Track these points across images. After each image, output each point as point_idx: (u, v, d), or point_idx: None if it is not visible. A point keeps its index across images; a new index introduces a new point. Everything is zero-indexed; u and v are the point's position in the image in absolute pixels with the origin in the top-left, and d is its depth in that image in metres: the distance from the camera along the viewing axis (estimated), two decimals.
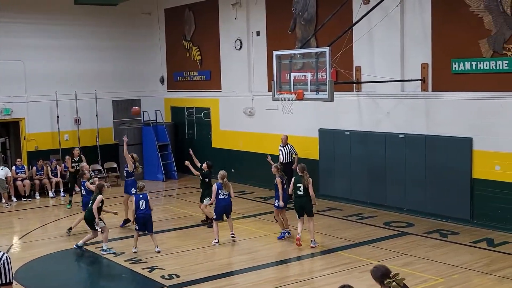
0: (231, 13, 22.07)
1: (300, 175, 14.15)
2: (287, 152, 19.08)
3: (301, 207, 14.22)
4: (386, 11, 16.56)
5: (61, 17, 23.66)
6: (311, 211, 14.26)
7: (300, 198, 14.18)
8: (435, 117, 16.19)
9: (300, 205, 14.24)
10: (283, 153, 19.14)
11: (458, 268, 12.30)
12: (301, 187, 14.05)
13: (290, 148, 19.12)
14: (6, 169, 20.80)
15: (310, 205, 14.21)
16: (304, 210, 14.19)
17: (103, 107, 24.62)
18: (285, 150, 19.13)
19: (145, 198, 14.26)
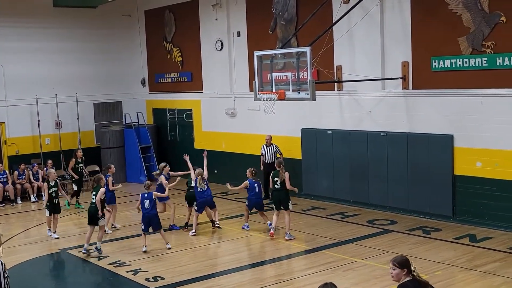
0: (211, 14, 22.05)
1: (277, 169, 15.03)
2: (273, 152, 19.11)
3: (278, 200, 14.90)
4: (366, 10, 16.62)
5: (40, 20, 23.50)
6: (287, 204, 14.86)
7: (277, 191, 14.98)
8: (416, 114, 16.28)
9: (277, 198, 14.94)
10: (268, 153, 19.16)
11: (441, 265, 12.38)
12: (278, 181, 14.87)
13: (275, 148, 19.15)
14: None
15: (287, 199, 14.90)
16: (281, 203, 14.84)
17: (84, 110, 24.49)
18: (270, 150, 19.15)
19: (150, 197, 14.41)
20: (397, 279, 6.73)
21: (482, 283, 11.30)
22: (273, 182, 14.98)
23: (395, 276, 6.73)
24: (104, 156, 24.17)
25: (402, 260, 6.76)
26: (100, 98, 25.26)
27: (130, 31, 25.95)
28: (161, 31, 24.78)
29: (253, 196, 15.73)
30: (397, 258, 6.82)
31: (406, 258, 6.84)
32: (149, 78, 25.90)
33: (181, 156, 23.80)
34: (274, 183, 14.98)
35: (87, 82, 24.73)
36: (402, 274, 6.69)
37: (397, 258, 6.84)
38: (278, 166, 15.12)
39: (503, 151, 14.57)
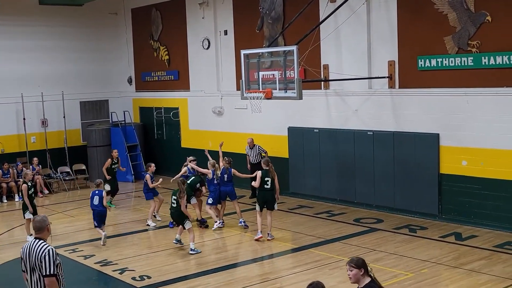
0: (198, 12, 22.03)
1: (266, 169, 14.67)
2: (257, 154, 19.13)
3: (264, 201, 14.66)
4: (352, 9, 16.66)
5: (26, 18, 23.40)
6: (274, 205, 14.72)
7: (266, 192, 14.65)
8: (402, 113, 16.34)
9: (265, 198, 14.67)
10: (252, 155, 19.17)
11: (427, 263, 12.43)
12: (269, 181, 14.55)
13: (258, 149, 19.17)
14: None
15: (274, 199, 14.72)
16: (266, 203, 14.64)
17: (70, 109, 24.41)
18: (253, 151, 19.17)
19: (100, 194, 14.99)
20: (355, 280, 6.75)
21: (468, 281, 11.36)
22: (264, 182, 14.59)
23: (353, 277, 6.75)
24: (91, 155, 24.11)
25: (359, 261, 6.78)
26: (87, 96, 25.19)
27: (117, 29, 25.88)
28: (147, 29, 24.72)
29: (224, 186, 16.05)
30: (354, 259, 6.84)
31: (362, 259, 6.86)
32: (136, 76, 25.84)
33: (167, 155, 23.92)
34: (264, 183, 14.61)
35: (73, 80, 24.65)
36: (359, 275, 6.72)
37: (354, 259, 6.86)
38: (266, 165, 14.75)
39: (488, 149, 14.65)
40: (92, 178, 23.58)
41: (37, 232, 7.54)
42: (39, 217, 7.67)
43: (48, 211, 18.92)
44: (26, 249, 7.45)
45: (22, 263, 7.55)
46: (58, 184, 22.82)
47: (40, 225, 7.53)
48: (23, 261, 7.49)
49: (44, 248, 7.32)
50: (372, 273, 6.77)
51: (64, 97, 23.91)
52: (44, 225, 7.55)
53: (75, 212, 18.80)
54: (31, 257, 7.34)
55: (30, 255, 7.36)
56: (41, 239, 7.45)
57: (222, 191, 16.06)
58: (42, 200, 20.77)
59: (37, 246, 7.35)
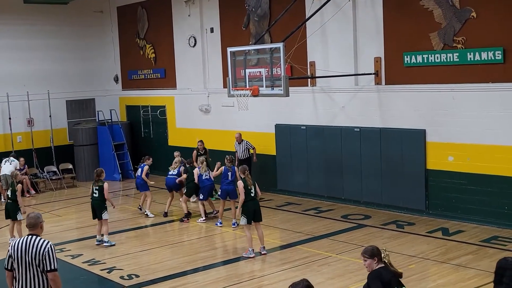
0: (184, 10, 21.99)
1: (244, 177, 13.39)
2: (244, 149, 19.15)
3: (254, 211, 13.23)
4: (338, 6, 16.68)
5: (11, 16, 23.26)
6: (261, 215, 13.48)
7: (253, 201, 13.27)
8: (389, 110, 16.39)
9: (253, 208, 13.23)
10: (240, 150, 19.19)
11: (415, 258, 12.49)
12: (252, 189, 13.24)
13: (246, 144, 19.18)
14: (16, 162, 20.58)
15: (259, 209, 13.52)
16: (255, 214, 13.27)
17: (56, 108, 24.30)
18: (241, 147, 19.19)
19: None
20: (370, 269, 6.98)
21: (455, 275, 11.43)
22: (248, 191, 13.18)
23: (368, 266, 7.00)
24: (78, 154, 24.01)
25: (371, 250, 7.00)
26: (73, 95, 25.09)
27: (102, 27, 25.78)
28: (133, 27, 24.64)
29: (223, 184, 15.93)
30: (367, 249, 7.06)
31: (375, 247, 7.04)
32: (122, 75, 25.75)
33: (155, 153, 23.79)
34: (249, 192, 13.19)
35: (59, 79, 24.53)
36: (373, 263, 6.96)
37: (367, 249, 7.07)
38: (243, 173, 13.46)
39: (474, 145, 14.73)
40: (79, 177, 23.53)
41: (31, 228, 7.56)
42: (33, 214, 7.71)
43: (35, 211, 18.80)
44: (20, 245, 7.40)
45: (9, 260, 7.51)
46: (45, 184, 22.72)
47: (35, 222, 7.57)
48: (13, 258, 7.44)
49: (46, 244, 7.38)
50: (387, 258, 6.95)
51: (50, 96, 23.80)
52: (38, 221, 7.62)
53: (62, 211, 18.72)
54: (29, 253, 7.32)
55: (28, 251, 7.33)
56: (37, 235, 7.44)
57: (223, 190, 15.98)
58: (29, 200, 20.64)
59: (36, 242, 7.35)
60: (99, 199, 14.61)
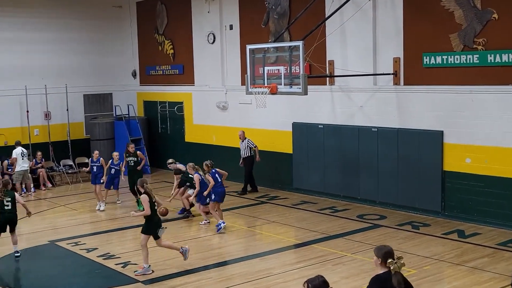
0: (204, 6, 21.99)
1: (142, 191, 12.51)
2: (246, 147, 19.16)
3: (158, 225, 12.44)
4: (358, 6, 16.62)
5: (31, 9, 23.39)
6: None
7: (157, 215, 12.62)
8: (407, 110, 16.31)
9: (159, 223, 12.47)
10: (241, 148, 19.22)
11: (430, 260, 12.42)
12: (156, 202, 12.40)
13: (247, 143, 19.19)
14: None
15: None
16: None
17: (74, 102, 24.42)
18: (243, 145, 19.20)
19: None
20: (375, 266, 6.90)
21: (470, 278, 11.35)
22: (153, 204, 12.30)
23: (374, 263, 6.91)
24: (94, 148, 23.98)
25: (382, 251, 6.86)
26: (90, 89, 25.20)
27: (121, 22, 25.85)
28: (152, 23, 24.69)
29: (219, 188, 15.39)
30: (379, 248, 6.95)
31: (387, 249, 6.87)
32: (140, 70, 25.82)
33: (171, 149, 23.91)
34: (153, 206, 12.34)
35: (77, 73, 24.65)
36: (377, 263, 6.85)
37: (379, 248, 6.96)
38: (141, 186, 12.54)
39: (492, 147, 14.63)
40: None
41: None
42: None
43: (51, 204, 18.99)
44: None
45: None
46: (60, 177, 22.84)
47: None
48: None
49: None
50: (393, 265, 6.67)
51: (68, 89, 23.92)
52: None
53: (77, 205, 18.81)
54: None
55: None
56: None
57: (221, 192, 15.43)
58: (44, 193, 20.79)
59: None
60: (12, 211, 13.30)
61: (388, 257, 6.79)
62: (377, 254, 6.85)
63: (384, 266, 6.80)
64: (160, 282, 11.71)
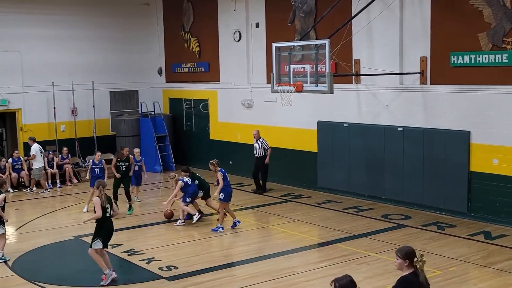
0: (230, 4, 22.01)
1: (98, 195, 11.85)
2: (260, 147, 19.13)
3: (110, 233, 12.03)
4: (385, 4, 16.52)
5: (59, 7, 23.54)
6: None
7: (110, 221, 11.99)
8: (433, 110, 16.18)
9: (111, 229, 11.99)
10: (256, 147, 19.19)
11: (456, 261, 12.32)
12: (108, 208, 11.75)
13: (261, 142, 19.16)
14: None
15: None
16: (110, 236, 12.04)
17: (100, 98, 24.55)
18: (257, 144, 19.17)
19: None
20: (400, 268, 6.89)
21: (497, 280, 11.24)
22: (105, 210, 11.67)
23: (398, 265, 6.90)
24: (119, 145, 24.18)
25: (406, 251, 6.87)
26: (117, 86, 25.31)
27: (148, 20, 25.94)
28: (179, 20, 24.76)
29: (228, 187, 15.25)
30: (402, 249, 6.95)
31: (411, 249, 6.91)
32: (166, 67, 25.91)
33: (196, 147, 23.96)
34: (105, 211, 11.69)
35: (104, 70, 24.78)
36: (404, 265, 6.83)
37: (402, 248, 6.97)
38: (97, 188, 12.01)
39: None
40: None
41: None
42: None
43: (76, 200, 19.12)
44: None
45: None
46: (86, 173, 22.94)
47: None
48: None
49: None
50: (419, 264, 6.76)
51: (94, 86, 24.07)
52: None
53: None
54: None
55: None
56: None
57: (229, 192, 15.28)
58: (70, 189, 20.95)
59: None
60: None
61: (414, 257, 6.80)
62: (403, 256, 6.83)
63: (410, 267, 6.78)
64: (184, 279, 11.73)
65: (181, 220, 15.82)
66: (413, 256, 6.81)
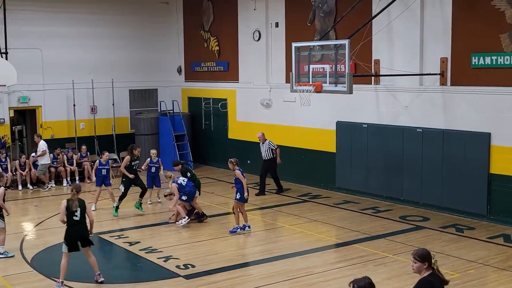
0: (250, 4, 22.01)
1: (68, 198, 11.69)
2: (267, 149, 19.00)
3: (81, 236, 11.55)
4: (406, 5, 16.43)
5: (79, 5, 23.67)
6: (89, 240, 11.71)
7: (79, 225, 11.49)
8: (453, 111, 16.07)
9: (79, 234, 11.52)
10: (263, 150, 19.06)
11: (474, 264, 12.23)
12: (77, 212, 11.40)
13: (268, 144, 19.04)
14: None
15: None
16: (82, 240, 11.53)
17: (119, 96, 24.66)
18: (264, 147, 19.06)
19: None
20: (418, 272, 6.83)
21: None
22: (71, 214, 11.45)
23: (416, 269, 6.84)
24: (139, 143, 24.27)
25: (423, 254, 6.83)
26: (136, 85, 25.40)
27: (168, 18, 26.00)
28: (198, 19, 24.80)
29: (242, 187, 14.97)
30: (419, 252, 6.88)
31: (427, 251, 6.88)
32: (185, 66, 25.96)
33: (214, 146, 23.98)
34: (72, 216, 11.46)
35: (123, 68, 24.88)
36: (423, 268, 6.79)
37: (419, 251, 6.90)
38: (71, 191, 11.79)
39: None
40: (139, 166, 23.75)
41: None
42: None
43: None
44: None
45: None
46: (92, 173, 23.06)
47: None
48: None
49: None
50: (436, 265, 6.78)
51: (114, 84, 24.18)
52: None
53: None
54: None
55: None
56: None
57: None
58: (89, 186, 21.05)
59: None
60: None
61: (431, 258, 6.81)
62: (422, 259, 6.78)
63: (429, 268, 6.75)
64: (201, 277, 11.75)
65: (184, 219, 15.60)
66: (430, 258, 6.80)
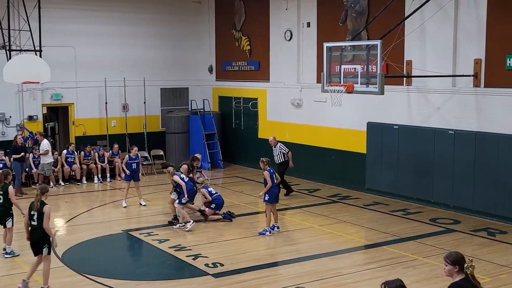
0: (281, 3, 21.98)
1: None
2: (278, 153, 18.82)
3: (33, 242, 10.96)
4: (440, 5, 16.27)
5: (112, 3, 23.87)
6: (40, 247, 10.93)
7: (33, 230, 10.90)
8: (486, 113, 15.87)
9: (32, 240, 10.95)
10: (275, 154, 18.92)
11: (506, 268, 12.07)
12: (35, 215, 10.75)
13: (280, 148, 18.87)
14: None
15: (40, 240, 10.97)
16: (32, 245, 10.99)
17: (151, 95, 24.80)
18: (276, 151, 18.91)
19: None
20: (449, 275, 6.79)
21: None
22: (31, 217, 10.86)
23: (447, 272, 6.81)
24: (169, 141, 24.47)
25: (455, 257, 6.77)
26: (167, 83, 25.54)
27: (200, 17, 26.09)
28: (230, 18, 24.84)
29: (274, 188, 14.87)
30: (451, 255, 6.83)
31: (460, 255, 6.81)
32: (217, 65, 26.02)
33: (244, 145, 24.00)
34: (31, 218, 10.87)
35: (155, 67, 25.02)
36: (454, 271, 6.74)
37: (451, 254, 6.85)
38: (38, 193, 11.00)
39: None
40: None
41: None
42: None
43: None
44: None
45: None
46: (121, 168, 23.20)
47: None
48: None
49: None
50: (469, 269, 6.70)
51: (146, 83, 24.32)
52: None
53: (151, 196, 19.09)
54: None
55: None
56: None
57: (276, 193, 15.01)
58: (120, 183, 21.20)
59: None
60: (3, 204, 12.76)
61: (464, 262, 6.70)
62: (453, 262, 6.73)
63: (461, 273, 6.68)
64: (230, 276, 11.76)
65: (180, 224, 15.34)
66: (463, 262, 6.71)
